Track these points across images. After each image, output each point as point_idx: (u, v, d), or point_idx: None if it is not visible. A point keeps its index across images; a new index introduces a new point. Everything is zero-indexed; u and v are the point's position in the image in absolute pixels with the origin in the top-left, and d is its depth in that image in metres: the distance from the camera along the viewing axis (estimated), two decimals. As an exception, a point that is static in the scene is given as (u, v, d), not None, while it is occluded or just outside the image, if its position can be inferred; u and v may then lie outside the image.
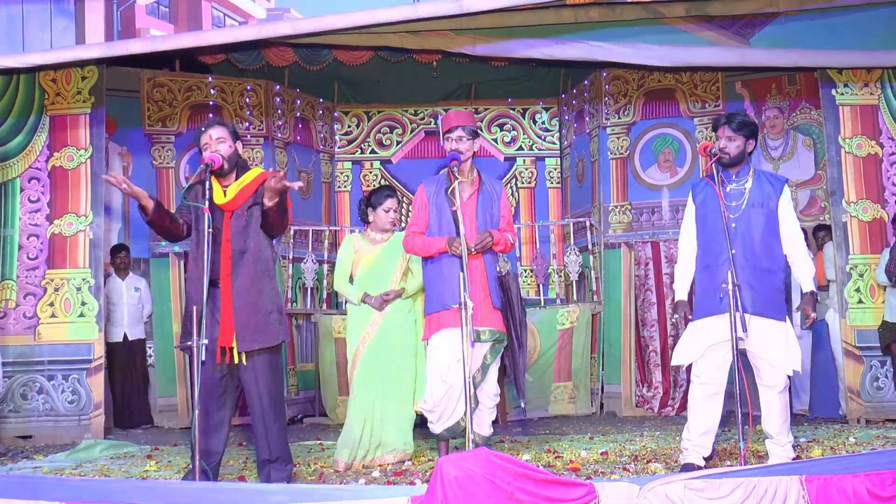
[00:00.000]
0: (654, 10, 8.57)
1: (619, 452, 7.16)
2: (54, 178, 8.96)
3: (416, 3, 7.99)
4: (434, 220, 6.36)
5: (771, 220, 5.98)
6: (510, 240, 6.38)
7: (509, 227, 6.45)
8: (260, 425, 5.73)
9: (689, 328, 6.16)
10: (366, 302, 7.14)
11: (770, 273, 5.96)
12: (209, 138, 5.70)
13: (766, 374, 5.96)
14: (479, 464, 4.06)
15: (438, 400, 6.28)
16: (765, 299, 5.91)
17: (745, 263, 5.87)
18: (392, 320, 7.13)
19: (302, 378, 10.99)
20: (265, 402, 5.71)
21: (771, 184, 6.06)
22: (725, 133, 6.03)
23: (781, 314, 5.97)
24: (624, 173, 10.99)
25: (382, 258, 7.23)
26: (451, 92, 12.61)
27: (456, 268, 6.09)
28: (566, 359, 10.46)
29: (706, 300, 5.99)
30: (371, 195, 7.38)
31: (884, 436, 7.80)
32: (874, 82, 9.18)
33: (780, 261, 6.05)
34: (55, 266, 8.89)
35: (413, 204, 6.60)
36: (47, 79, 8.99)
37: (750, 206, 5.98)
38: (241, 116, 10.97)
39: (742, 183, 6.04)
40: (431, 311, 6.35)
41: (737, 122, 6.02)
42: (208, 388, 5.57)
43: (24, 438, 8.70)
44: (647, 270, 10.72)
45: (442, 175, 6.48)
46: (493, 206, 6.39)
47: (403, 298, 7.19)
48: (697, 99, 10.78)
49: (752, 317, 5.85)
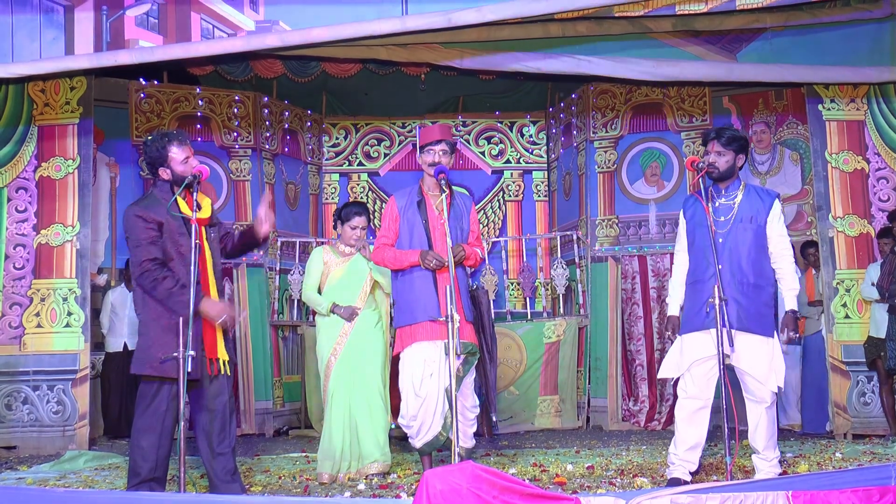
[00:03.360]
0: (641, 25, 8.61)
1: (605, 466, 7.16)
2: (42, 188, 8.93)
3: (405, 17, 7.99)
4: (405, 232, 6.36)
5: (759, 236, 5.98)
6: (479, 254, 6.42)
7: (478, 242, 6.48)
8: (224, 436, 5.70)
9: (676, 342, 6.16)
10: (335, 312, 7.13)
11: (758, 288, 5.96)
12: (190, 151, 5.68)
13: (753, 390, 5.96)
14: (464, 477, 4.05)
15: (414, 414, 6.27)
16: (751, 315, 5.91)
17: (732, 279, 5.88)
18: (361, 330, 7.14)
19: (287, 390, 10.96)
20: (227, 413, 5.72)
21: (761, 199, 6.06)
22: (715, 148, 6.03)
23: (768, 330, 5.97)
24: (611, 187, 11.01)
25: (351, 271, 7.24)
26: (438, 105, 12.65)
27: (429, 281, 6.11)
28: (552, 372, 10.47)
29: (693, 315, 6.00)
30: (342, 209, 7.39)
31: (870, 451, 7.81)
32: (861, 98, 9.22)
33: (769, 276, 6.04)
34: (41, 276, 8.85)
35: (383, 216, 6.56)
36: (36, 89, 8.98)
37: (738, 221, 5.98)
38: (229, 128, 10.97)
39: (732, 198, 6.05)
40: (402, 324, 6.33)
41: (726, 137, 6.02)
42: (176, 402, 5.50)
43: (9, 449, 8.65)
44: (634, 284, 10.73)
45: (413, 188, 6.47)
46: (464, 220, 6.40)
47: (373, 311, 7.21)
48: (685, 113, 10.82)
49: (738, 332, 5.85)
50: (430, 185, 6.35)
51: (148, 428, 5.58)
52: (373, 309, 7.22)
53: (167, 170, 5.60)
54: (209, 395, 5.71)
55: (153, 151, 5.63)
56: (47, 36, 8.17)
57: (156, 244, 5.52)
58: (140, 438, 5.58)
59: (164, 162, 5.60)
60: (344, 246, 7.34)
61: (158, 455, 5.55)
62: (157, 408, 5.58)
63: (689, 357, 5.98)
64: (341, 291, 7.21)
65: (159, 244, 5.53)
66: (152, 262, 5.48)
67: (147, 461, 5.55)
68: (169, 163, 5.59)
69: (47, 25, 8.17)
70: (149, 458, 5.54)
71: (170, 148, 5.59)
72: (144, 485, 5.55)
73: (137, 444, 5.60)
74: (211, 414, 5.70)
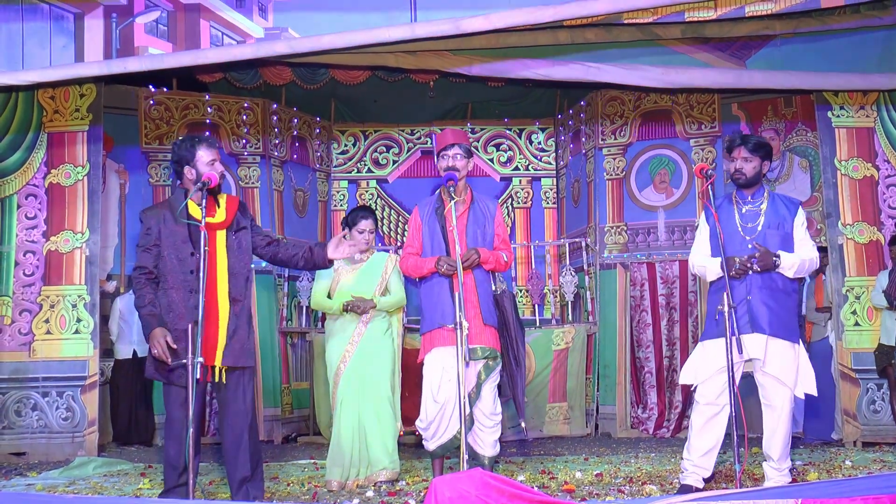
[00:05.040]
0: (650, 32, 8.61)
1: (613, 474, 7.14)
2: (51, 194, 8.96)
3: (414, 24, 8.00)
4: (426, 240, 6.39)
5: (786, 242, 5.95)
6: (503, 258, 6.37)
7: (504, 246, 6.45)
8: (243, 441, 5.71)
9: (699, 348, 6.11)
10: (348, 309, 7.07)
11: (786, 295, 5.95)
12: (217, 155, 5.71)
13: (774, 396, 5.91)
14: (473, 485, 4.04)
15: (432, 418, 6.28)
16: (783, 321, 5.90)
17: (763, 284, 5.86)
18: (371, 337, 7.11)
19: (296, 397, 10.97)
20: (241, 423, 5.72)
21: (786, 206, 6.05)
22: (742, 154, 6.00)
23: (796, 337, 5.96)
24: (620, 194, 11.00)
25: (361, 278, 7.22)
26: (447, 112, 12.64)
27: (445, 287, 6.13)
28: (561, 379, 10.45)
29: (719, 321, 5.92)
30: (349, 214, 7.40)
31: (880, 459, 7.79)
32: (870, 105, 9.20)
33: (794, 283, 6.03)
34: (51, 283, 8.87)
35: (409, 225, 6.63)
36: (45, 96, 9.01)
37: (766, 227, 5.96)
38: (238, 134, 10.99)
39: (758, 204, 6.03)
40: (424, 330, 6.37)
41: (753, 143, 6.00)
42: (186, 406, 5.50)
43: (18, 455, 8.66)
44: (643, 291, 10.72)
45: (435, 196, 6.50)
46: (487, 224, 6.39)
47: (377, 310, 7.19)
48: (693, 120, 10.81)
49: (770, 338, 5.83)
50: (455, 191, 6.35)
51: (169, 436, 5.67)
52: (382, 316, 7.21)
53: (193, 169, 5.63)
54: (221, 402, 5.77)
55: (182, 150, 5.67)
56: (57, 43, 8.21)
57: (149, 251, 5.63)
58: (167, 447, 5.68)
59: (190, 161, 5.63)
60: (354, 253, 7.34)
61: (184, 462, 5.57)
62: (172, 416, 5.63)
63: (714, 363, 5.91)
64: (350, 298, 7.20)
65: (153, 252, 5.62)
66: (138, 271, 5.65)
67: (175, 468, 5.61)
68: (195, 162, 5.62)
69: (57, 33, 8.21)
70: (177, 466, 5.58)
71: (199, 147, 5.64)
72: (174, 491, 5.59)
73: (166, 452, 5.70)
74: (223, 422, 5.77)
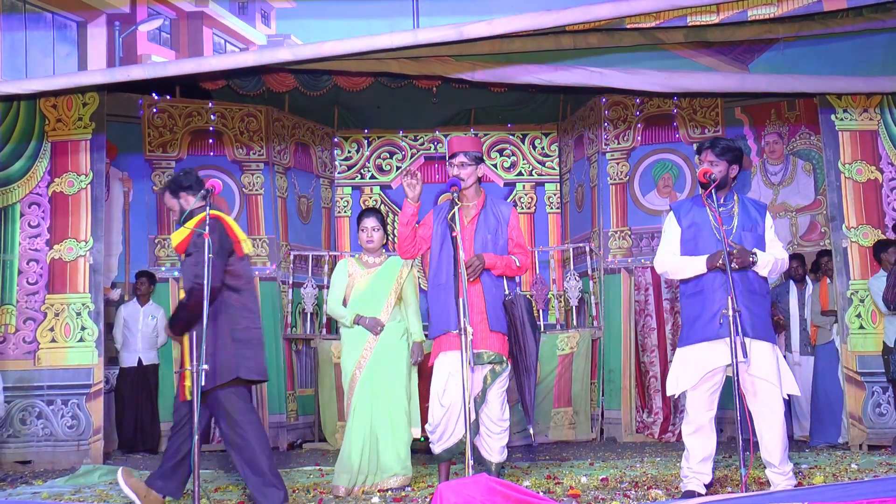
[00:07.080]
0: (653, 37, 8.61)
1: (619, 479, 7.13)
2: (55, 203, 8.96)
3: (416, 30, 8.00)
4: (436, 246, 6.37)
5: (759, 245, 5.98)
6: (515, 263, 6.34)
7: (518, 250, 6.42)
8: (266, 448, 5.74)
9: (678, 355, 6.11)
10: (359, 323, 7.11)
11: (762, 297, 5.99)
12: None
13: (767, 397, 5.88)
14: (478, 490, 4.04)
15: (438, 421, 6.28)
16: (762, 322, 5.93)
17: (742, 287, 5.86)
18: (386, 344, 7.11)
19: (301, 403, 10.96)
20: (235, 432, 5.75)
21: (756, 209, 6.11)
22: (708, 157, 6.03)
23: (773, 337, 6.01)
24: (623, 199, 11.00)
25: (376, 283, 7.22)
26: (450, 117, 12.65)
27: (451, 293, 6.12)
28: (566, 384, 10.44)
29: (701, 325, 5.92)
30: (357, 217, 7.45)
31: (886, 462, 7.76)
32: (873, 108, 9.20)
33: (767, 285, 6.09)
34: (55, 291, 8.88)
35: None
36: (48, 105, 9.02)
37: (741, 229, 5.99)
38: (242, 142, 11.00)
39: (730, 207, 6.06)
40: (432, 335, 6.37)
41: (720, 147, 6.03)
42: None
43: (24, 463, 8.66)
44: (647, 296, 10.71)
45: (447, 202, 6.50)
46: (499, 229, 6.37)
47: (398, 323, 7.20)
48: (697, 124, 10.80)
49: (752, 340, 5.82)
50: (459, 197, 6.34)
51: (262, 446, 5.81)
52: (398, 321, 7.21)
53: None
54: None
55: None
56: (60, 52, 8.22)
57: None
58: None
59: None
60: (368, 257, 7.34)
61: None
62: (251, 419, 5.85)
63: (699, 369, 5.92)
64: (365, 303, 7.20)
65: None
66: None
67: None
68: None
69: (60, 41, 8.22)
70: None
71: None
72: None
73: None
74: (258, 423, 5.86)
